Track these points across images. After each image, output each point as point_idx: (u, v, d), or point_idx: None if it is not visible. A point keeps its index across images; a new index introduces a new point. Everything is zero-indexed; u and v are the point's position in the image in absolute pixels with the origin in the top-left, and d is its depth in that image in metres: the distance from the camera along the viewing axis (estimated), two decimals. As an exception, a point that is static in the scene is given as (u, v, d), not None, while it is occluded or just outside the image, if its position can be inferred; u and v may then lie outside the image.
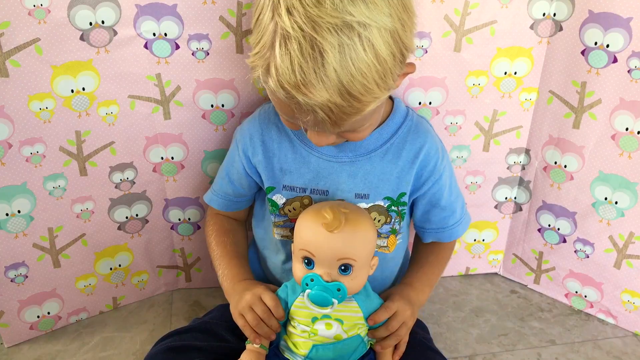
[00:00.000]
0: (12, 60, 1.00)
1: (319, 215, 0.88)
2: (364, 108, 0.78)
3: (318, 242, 0.87)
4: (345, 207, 0.90)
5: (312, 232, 0.88)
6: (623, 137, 1.13)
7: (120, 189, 1.20)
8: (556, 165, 1.23)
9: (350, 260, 0.87)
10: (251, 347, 0.93)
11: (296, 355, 0.93)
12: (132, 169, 1.19)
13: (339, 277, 0.87)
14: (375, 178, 0.99)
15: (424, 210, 1.05)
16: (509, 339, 1.26)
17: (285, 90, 0.76)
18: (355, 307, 0.92)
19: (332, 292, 0.86)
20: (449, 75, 1.16)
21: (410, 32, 0.82)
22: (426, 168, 1.00)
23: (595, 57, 1.10)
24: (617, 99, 1.11)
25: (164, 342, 1.00)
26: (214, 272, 1.35)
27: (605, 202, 1.20)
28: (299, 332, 0.92)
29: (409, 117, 1.01)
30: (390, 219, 1.01)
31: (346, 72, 0.74)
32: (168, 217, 1.27)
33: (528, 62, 1.17)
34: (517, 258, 1.40)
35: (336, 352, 0.92)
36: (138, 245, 1.28)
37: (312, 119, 0.79)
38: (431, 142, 1.00)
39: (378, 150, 0.98)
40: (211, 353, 0.98)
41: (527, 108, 1.22)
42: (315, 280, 0.86)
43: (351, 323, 0.91)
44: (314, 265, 0.88)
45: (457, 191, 1.07)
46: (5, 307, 1.19)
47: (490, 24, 1.12)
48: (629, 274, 1.24)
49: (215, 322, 1.06)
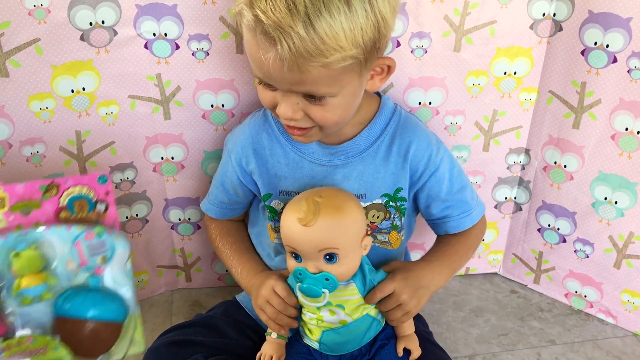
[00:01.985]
0: (12, 60, 1.00)
1: (295, 210, 0.88)
2: (327, 55, 0.78)
3: (296, 237, 0.87)
4: (322, 195, 0.89)
5: (290, 227, 0.88)
6: (623, 137, 1.13)
7: (120, 189, 1.20)
8: (556, 165, 1.23)
9: (333, 249, 0.87)
10: (271, 339, 0.96)
11: (312, 340, 0.95)
12: (132, 169, 1.19)
13: (326, 266, 0.87)
14: (370, 177, 0.99)
15: (426, 203, 1.04)
16: (509, 338, 1.26)
17: (254, 10, 0.78)
18: (354, 290, 0.91)
19: (320, 282, 0.87)
20: (449, 75, 1.16)
21: (393, 16, 0.84)
22: (420, 162, 0.99)
23: (595, 57, 1.10)
24: (617, 99, 1.11)
25: (166, 335, 1.01)
26: (214, 272, 1.37)
27: (605, 202, 1.20)
28: (309, 320, 0.94)
29: (396, 114, 1.00)
30: (390, 214, 1.01)
31: (315, 8, 0.76)
32: (168, 217, 1.28)
33: (528, 62, 1.17)
34: (517, 258, 1.40)
35: (346, 335, 0.93)
36: (138, 245, 1.28)
37: (273, 57, 0.79)
38: (421, 136, 0.99)
39: (369, 149, 0.98)
40: (213, 348, 0.99)
41: (527, 108, 1.22)
42: (303, 274, 0.87)
43: (353, 306, 0.92)
44: (301, 259, 0.89)
45: (462, 182, 1.05)
46: None
47: (490, 24, 1.12)
48: (629, 273, 1.24)
49: (218, 317, 1.06)
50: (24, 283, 0.69)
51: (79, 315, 0.73)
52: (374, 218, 1.01)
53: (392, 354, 0.96)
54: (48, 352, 0.71)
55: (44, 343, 0.71)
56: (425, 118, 1.20)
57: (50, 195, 0.74)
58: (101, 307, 0.74)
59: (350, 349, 0.95)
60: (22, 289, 0.70)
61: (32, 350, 0.70)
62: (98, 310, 0.74)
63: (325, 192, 0.92)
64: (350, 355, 0.96)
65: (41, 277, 0.71)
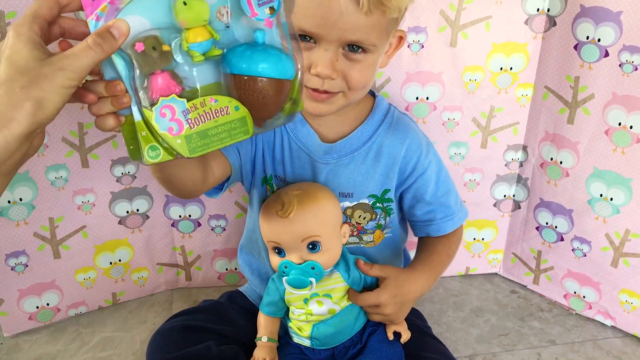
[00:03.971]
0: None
1: (272, 205, 0.90)
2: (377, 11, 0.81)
3: (278, 231, 0.90)
4: (298, 188, 0.92)
5: (270, 222, 0.91)
6: (616, 132, 1.14)
7: (121, 183, 1.21)
8: (552, 162, 1.24)
9: (315, 237, 0.89)
10: (261, 343, 0.97)
11: (302, 338, 0.96)
12: (133, 163, 1.20)
13: (310, 255, 0.90)
14: (359, 177, 0.99)
15: (410, 204, 1.04)
16: (509, 339, 1.25)
17: None
18: (338, 278, 0.93)
19: (307, 272, 0.89)
20: (446, 71, 1.18)
21: None
22: (409, 163, 1.00)
23: (587, 52, 1.12)
24: (610, 93, 1.13)
25: (176, 319, 1.01)
26: (214, 271, 1.37)
27: (601, 199, 1.21)
28: (298, 317, 0.95)
29: (389, 114, 1.01)
30: (376, 215, 1.02)
31: None
32: (169, 213, 1.28)
33: (523, 57, 1.19)
34: (517, 257, 1.40)
35: (336, 325, 0.94)
36: (138, 240, 1.29)
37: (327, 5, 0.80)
38: (412, 137, 1.00)
39: (360, 149, 0.99)
40: (224, 336, 0.99)
41: (524, 104, 1.24)
42: (289, 266, 0.89)
43: (340, 294, 0.93)
44: (285, 253, 0.91)
45: (447, 186, 1.06)
46: (5, 295, 1.20)
47: (485, 19, 1.14)
48: (626, 272, 1.23)
49: (226, 305, 1.07)
50: (190, 38, 0.64)
51: (251, 73, 0.67)
52: (360, 219, 1.01)
53: (383, 339, 0.97)
54: (231, 113, 0.67)
55: (226, 103, 0.67)
56: (423, 113, 1.22)
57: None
58: (276, 65, 0.68)
59: (342, 340, 0.96)
60: (190, 44, 0.64)
61: (217, 110, 0.67)
62: (273, 67, 0.68)
63: (300, 185, 0.95)
64: (343, 346, 0.96)
65: (207, 31, 0.65)
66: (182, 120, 0.66)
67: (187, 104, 0.66)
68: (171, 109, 0.66)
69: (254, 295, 1.11)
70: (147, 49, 0.63)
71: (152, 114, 0.65)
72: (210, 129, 0.68)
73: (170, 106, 0.66)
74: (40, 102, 0.58)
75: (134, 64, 0.64)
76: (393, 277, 0.96)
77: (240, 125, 0.69)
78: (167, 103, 0.66)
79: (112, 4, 0.62)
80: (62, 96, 0.60)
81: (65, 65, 0.59)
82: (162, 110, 0.65)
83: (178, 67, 0.66)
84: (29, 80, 0.58)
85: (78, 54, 0.60)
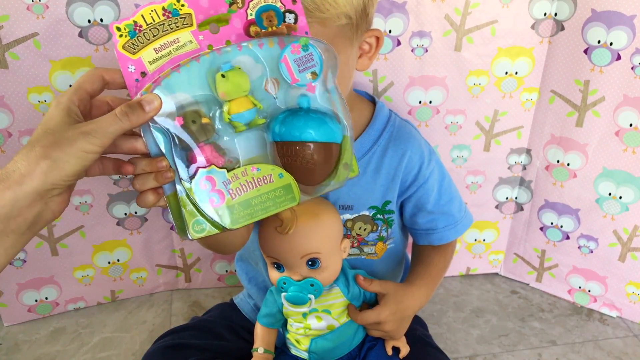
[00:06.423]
0: (11, 52, 1.01)
1: (271, 221, 0.86)
2: (323, 10, 0.75)
3: (278, 246, 0.87)
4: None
5: (269, 238, 0.88)
6: (627, 133, 1.14)
7: (118, 186, 1.19)
8: (559, 164, 1.23)
9: (314, 254, 0.86)
10: (257, 354, 0.95)
11: (300, 350, 0.95)
12: (131, 166, 1.18)
13: (309, 272, 0.87)
14: (359, 189, 0.97)
15: (412, 213, 1.02)
16: (510, 339, 1.26)
17: None
18: (338, 293, 0.92)
19: (306, 289, 0.87)
20: (450, 75, 1.15)
21: None
22: (410, 173, 0.97)
23: (598, 56, 1.10)
24: (621, 95, 1.11)
25: (162, 340, 1.00)
26: (214, 272, 1.37)
27: (610, 198, 1.20)
28: (296, 330, 0.93)
29: (390, 123, 0.98)
30: (377, 227, 1.00)
31: None
32: (167, 217, 1.27)
33: (529, 62, 1.16)
34: (519, 257, 1.40)
35: (334, 341, 0.92)
36: (137, 242, 1.28)
37: None
38: (414, 147, 0.97)
39: (360, 161, 0.95)
40: (208, 351, 0.98)
41: (528, 108, 1.22)
42: (288, 282, 0.87)
43: (339, 310, 0.92)
44: (284, 268, 0.88)
45: (450, 194, 1.04)
46: (4, 287, 1.22)
47: (491, 23, 1.11)
48: (634, 266, 1.24)
49: (214, 321, 1.05)
50: (233, 109, 0.64)
51: (293, 138, 0.66)
52: (361, 230, 0.99)
53: (381, 354, 0.96)
54: (274, 181, 0.67)
55: (269, 171, 0.66)
56: (425, 117, 1.20)
57: (236, 8, 0.64)
58: (319, 128, 0.67)
59: (340, 354, 0.95)
60: (232, 115, 0.64)
61: (259, 178, 0.66)
62: (317, 131, 0.67)
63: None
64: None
65: (249, 101, 0.64)
66: (223, 191, 0.65)
67: (227, 174, 0.65)
68: (211, 181, 0.65)
69: (247, 307, 1.09)
70: (186, 122, 0.63)
71: (192, 187, 0.65)
72: (253, 198, 0.67)
73: (210, 177, 0.65)
74: (56, 162, 0.58)
75: (174, 139, 0.63)
76: (392, 294, 0.94)
77: (285, 192, 0.68)
78: (207, 175, 0.65)
79: (156, 84, 0.62)
80: (81, 159, 0.60)
81: (90, 131, 0.59)
82: (202, 182, 0.65)
83: (220, 139, 0.65)
84: (51, 141, 0.59)
85: (104, 122, 0.60)
